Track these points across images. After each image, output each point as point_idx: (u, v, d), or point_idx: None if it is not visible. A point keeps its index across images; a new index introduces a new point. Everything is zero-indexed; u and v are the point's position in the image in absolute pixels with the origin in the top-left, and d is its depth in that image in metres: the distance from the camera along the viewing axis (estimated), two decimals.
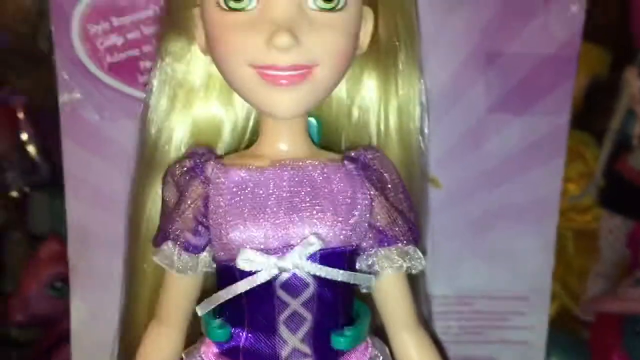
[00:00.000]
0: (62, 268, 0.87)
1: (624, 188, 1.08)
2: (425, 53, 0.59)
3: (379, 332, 0.53)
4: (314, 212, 0.47)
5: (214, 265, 0.51)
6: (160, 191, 0.53)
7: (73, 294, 0.66)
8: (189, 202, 0.49)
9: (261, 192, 0.47)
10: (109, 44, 0.61)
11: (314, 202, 0.47)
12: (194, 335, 0.53)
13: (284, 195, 0.47)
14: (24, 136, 0.94)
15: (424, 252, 0.51)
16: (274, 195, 0.47)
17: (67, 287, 0.66)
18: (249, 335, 0.49)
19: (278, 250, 0.47)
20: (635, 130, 1.06)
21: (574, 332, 0.95)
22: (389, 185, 0.51)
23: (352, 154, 0.51)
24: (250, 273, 0.47)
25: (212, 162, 0.50)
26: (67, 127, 0.63)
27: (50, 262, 0.93)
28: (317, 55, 0.46)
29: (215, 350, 0.50)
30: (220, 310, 0.50)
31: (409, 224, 0.50)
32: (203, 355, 0.51)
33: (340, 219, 0.47)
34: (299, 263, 0.47)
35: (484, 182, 0.66)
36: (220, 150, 0.55)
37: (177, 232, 0.49)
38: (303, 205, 0.47)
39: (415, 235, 0.51)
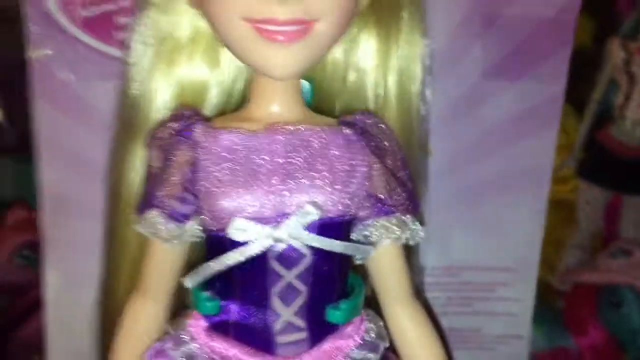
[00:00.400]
0: (29, 236, 0.85)
1: (603, 159, 1.08)
2: None
3: (371, 303, 0.52)
4: (312, 179, 0.45)
5: (201, 235, 0.48)
6: (142, 156, 0.51)
7: (47, 264, 0.63)
8: (175, 168, 0.47)
9: (254, 157, 0.45)
10: None
11: (311, 168, 0.45)
12: (176, 308, 0.51)
13: (280, 161, 0.45)
14: None
15: (421, 223, 0.50)
16: (268, 161, 0.45)
17: (36, 255, 0.64)
18: (240, 308, 0.47)
19: (272, 220, 0.45)
20: (617, 100, 1.06)
21: (548, 301, 0.95)
22: (388, 153, 0.49)
23: (349, 118, 0.49)
24: (243, 244, 0.45)
25: (200, 125, 0.47)
26: (39, 87, 0.59)
27: (17, 230, 0.92)
28: (318, 10, 0.44)
29: (204, 324, 0.48)
30: (209, 283, 0.48)
31: (408, 194, 0.49)
32: (191, 329, 0.48)
33: (338, 187, 0.45)
34: (295, 233, 0.44)
35: (476, 149, 0.65)
36: (206, 113, 0.53)
37: (162, 199, 0.47)
38: (300, 172, 0.45)
39: (414, 205, 0.49)
